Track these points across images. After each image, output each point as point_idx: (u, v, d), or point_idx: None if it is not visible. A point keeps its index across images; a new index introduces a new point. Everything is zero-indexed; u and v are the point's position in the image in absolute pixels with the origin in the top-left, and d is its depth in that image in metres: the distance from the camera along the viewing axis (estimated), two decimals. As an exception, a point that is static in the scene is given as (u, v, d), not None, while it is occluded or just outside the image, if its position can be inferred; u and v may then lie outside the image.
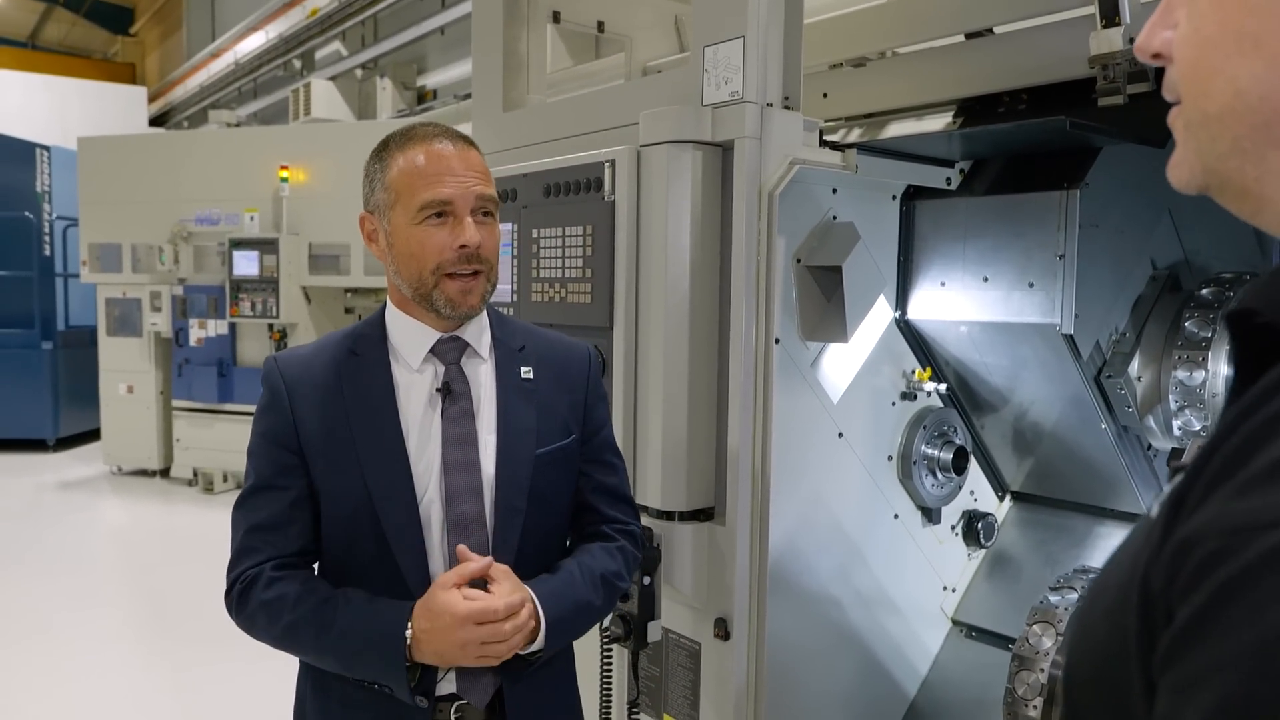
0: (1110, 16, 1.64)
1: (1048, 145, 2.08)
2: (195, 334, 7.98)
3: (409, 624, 1.33)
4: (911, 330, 2.33)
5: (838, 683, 2.26)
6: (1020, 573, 2.51)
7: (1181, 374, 1.95)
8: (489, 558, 1.37)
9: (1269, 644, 0.43)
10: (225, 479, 8.05)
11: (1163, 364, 2.03)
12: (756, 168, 1.80)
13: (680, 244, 1.85)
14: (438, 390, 1.45)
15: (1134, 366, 2.07)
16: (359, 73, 12.56)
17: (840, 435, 2.16)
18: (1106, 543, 2.40)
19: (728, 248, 1.86)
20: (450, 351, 1.48)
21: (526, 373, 1.51)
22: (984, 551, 2.55)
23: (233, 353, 7.97)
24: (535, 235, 2.16)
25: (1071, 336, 2.01)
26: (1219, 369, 1.94)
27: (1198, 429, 1.96)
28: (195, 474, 8.10)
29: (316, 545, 1.45)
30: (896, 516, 2.33)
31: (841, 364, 2.15)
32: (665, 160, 1.83)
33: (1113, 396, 2.10)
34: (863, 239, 1.97)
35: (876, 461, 2.27)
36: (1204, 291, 2.01)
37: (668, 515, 1.93)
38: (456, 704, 1.43)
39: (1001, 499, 2.62)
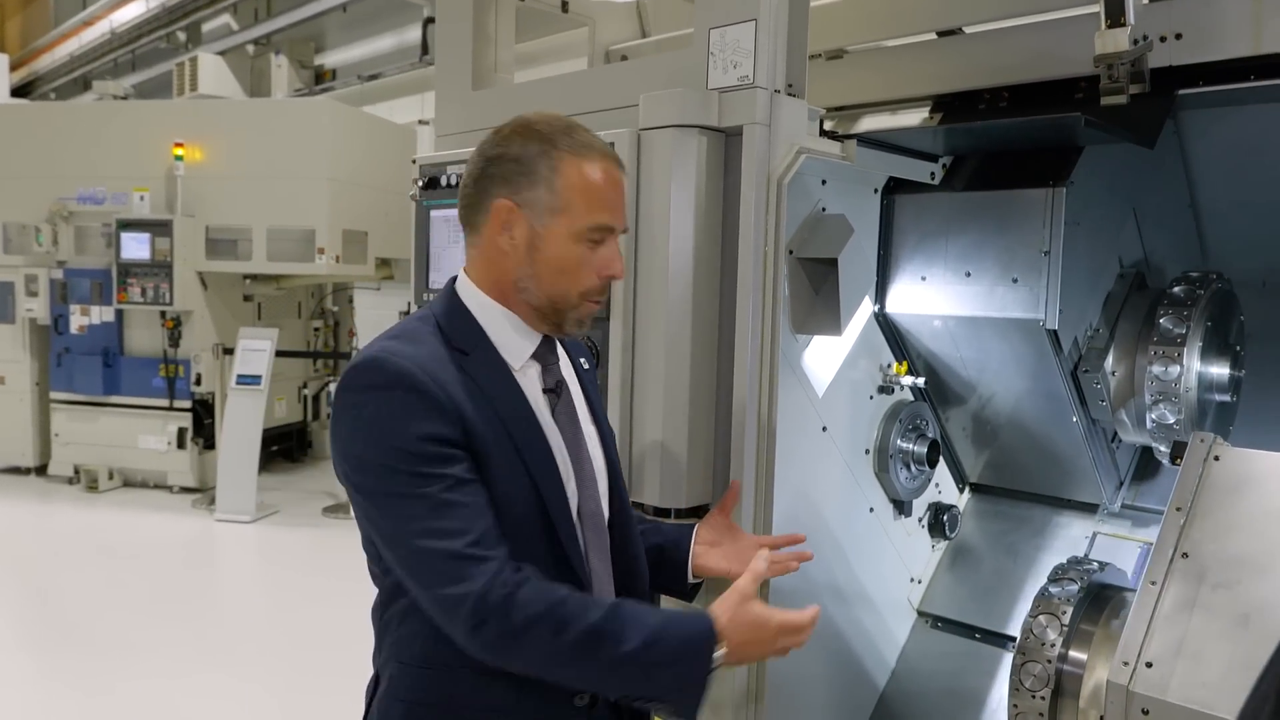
0: (1115, 17, 1.67)
1: (1031, 143, 2.11)
2: (77, 321, 7.44)
3: (717, 635, 1.29)
4: (888, 324, 2.33)
5: (815, 678, 2.25)
6: (981, 563, 2.56)
7: (1157, 369, 2.01)
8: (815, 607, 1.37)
9: None
10: (111, 477, 7.55)
11: (1137, 359, 2.09)
12: (765, 156, 1.75)
13: (683, 233, 1.79)
14: (545, 391, 1.42)
15: (1109, 361, 2.12)
16: (251, 48, 11.97)
17: (824, 429, 2.15)
18: (1066, 532, 2.47)
19: (732, 238, 1.80)
20: (548, 352, 1.45)
21: (585, 363, 1.54)
22: (946, 543, 2.59)
23: (119, 342, 7.46)
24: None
25: (1055, 331, 2.04)
26: (1193, 364, 2.00)
27: (1172, 422, 2.02)
28: (77, 471, 7.56)
29: None
30: (872, 510, 2.34)
31: (825, 358, 2.13)
32: (669, 145, 1.76)
33: (1087, 390, 2.15)
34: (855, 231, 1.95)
35: (855, 455, 2.27)
36: (1176, 289, 2.08)
37: (664, 513, 1.87)
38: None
39: (962, 490, 2.66)
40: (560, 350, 1.51)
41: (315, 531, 6.79)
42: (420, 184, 2.28)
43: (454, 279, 1.46)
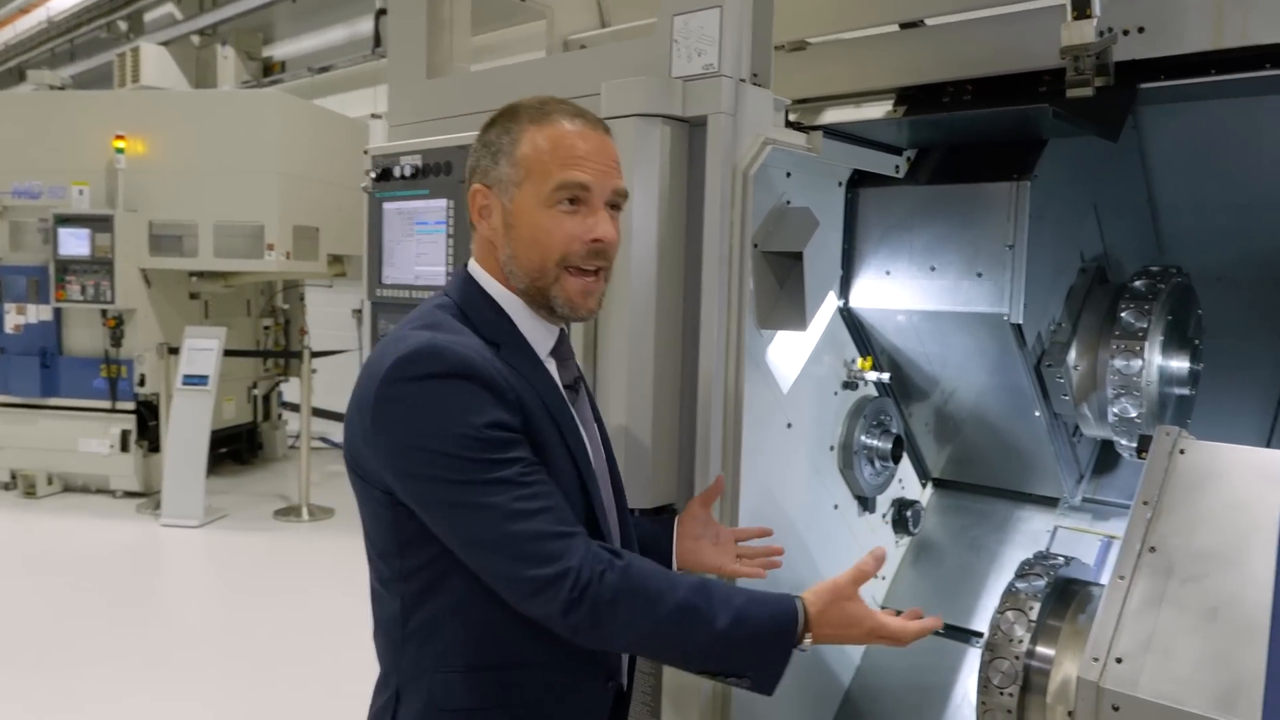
0: (1082, 9, 1.65)
1: (996, 136, 2.10)
2: (12, 320, 7.17)
3: (804, 621, 1.29)
4: (852, 319, 2.32)
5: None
6: (944, 558, 2.56)
7: (1119, 363, 2.02)
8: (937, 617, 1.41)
9: None
10: (50, 482, 7.30)
11: (1099, 353, 2.09)
12: (730, 146, 1.72)
13: (647, 226, 1.74)
14: (566, 387, 1.40)
15: (1071, 355, 2.12)
16: (196, 39, 11.66)
17: (789, 426, 2.12)
18: (1027, 526, 2.48)
19: (697, 230, 1.76)
20: (565, 347, 1.44)
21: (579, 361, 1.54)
22: (910, 539, 2.58)
23: (58, 341, 7.21)
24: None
25: (1019, 326, 2.03)
26: (1154, 358, 2.01)
27: (1133, 415, 2.03)
28: (14, 477, 7.29)
29: None
30: (836, 507, 2.32)
31: (790, 353, 2.11)
32: (632, 135, 1.71)
33: (1050, 385, 2.15)
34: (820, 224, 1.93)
35: (820, 452, 2.25)
36: (1137, 283, 2.09)
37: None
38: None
39: (924, 486, 2.66)
40: None
41: (266, 536, 6.63)
42: (372, 175, 2.21)
43: (464, 267, 1.42)
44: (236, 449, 8.52)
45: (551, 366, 1.39)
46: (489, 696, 1.31)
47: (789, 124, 1.91)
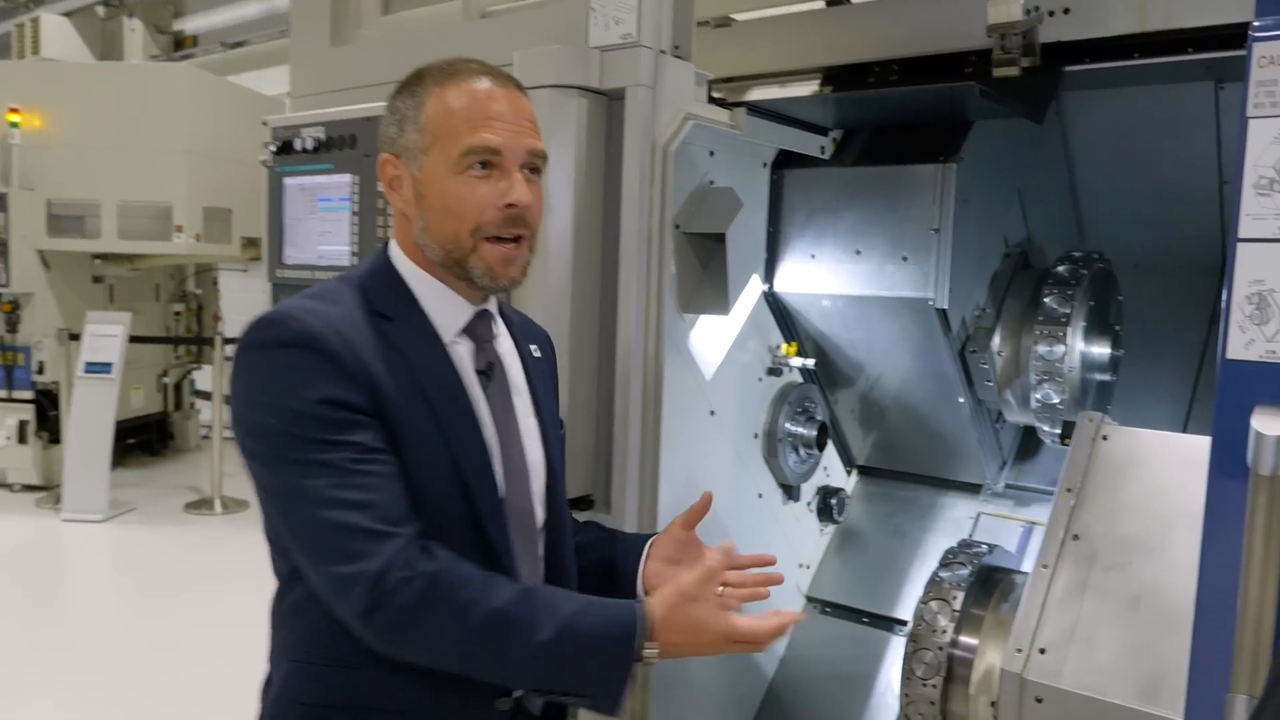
0: (1009, -15, 1.62)
1: (922, 116, 2.06)
2: (-103, 304, 6.72)
3: (645, 630, 1.14)
4: (777, 303, 2.26)
5: (703, 668, 2.17)
6: (868, 546, 2.54)
7: (1042, 348, 2.00)
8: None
9: None
10: (-60, 474, 6.88)
11: (1023, 339, 2.08)
12: (650, 121, 1.64)
13: (562, 203, 1.65)
14: (478, 372, 1.28)
15: (995, 341, 2.11)
16: (102, 10, 11.09)
17: (712, 413, 2.06)
18: (951, 513, 2.47)
19: (615, 209, 1.68)
20: (484, 328, 1.31)
21: (535, 351, 1.40)
22: (834, 527, 2.55)
23: (-54, 327, 6.79)
24: (382, 189, 1.88)
25: (944, 311, 2.00)
26: (1076, 344, 2.00)
27: (1056, 402, 2.02)
28: (-101, 469, 6.86)
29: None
30: (760, 495, 2.27)
31: (713, 338, 2.04)
32: (547, 107, 1.62)
33: (974, 371, 2.14)
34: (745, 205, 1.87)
35: (744, 440, 2.20)
36: (1060, 269, 2.08)
37: (543, 505, 1.74)
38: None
39: (849, 473, 2.63)
40: (503, 331, 1.37)
41: (176, 530, 6.35)
42: (272, 148, 2.07)
43: (385, 244, 1.33)
44: (146, 439, 8.16)
45: (464, 348, 1.29)
46: (336, 695, 1.21)
47: (712, 100, 1.83)
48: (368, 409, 1.14)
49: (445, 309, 1.27)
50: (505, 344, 1.36)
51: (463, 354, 1.28)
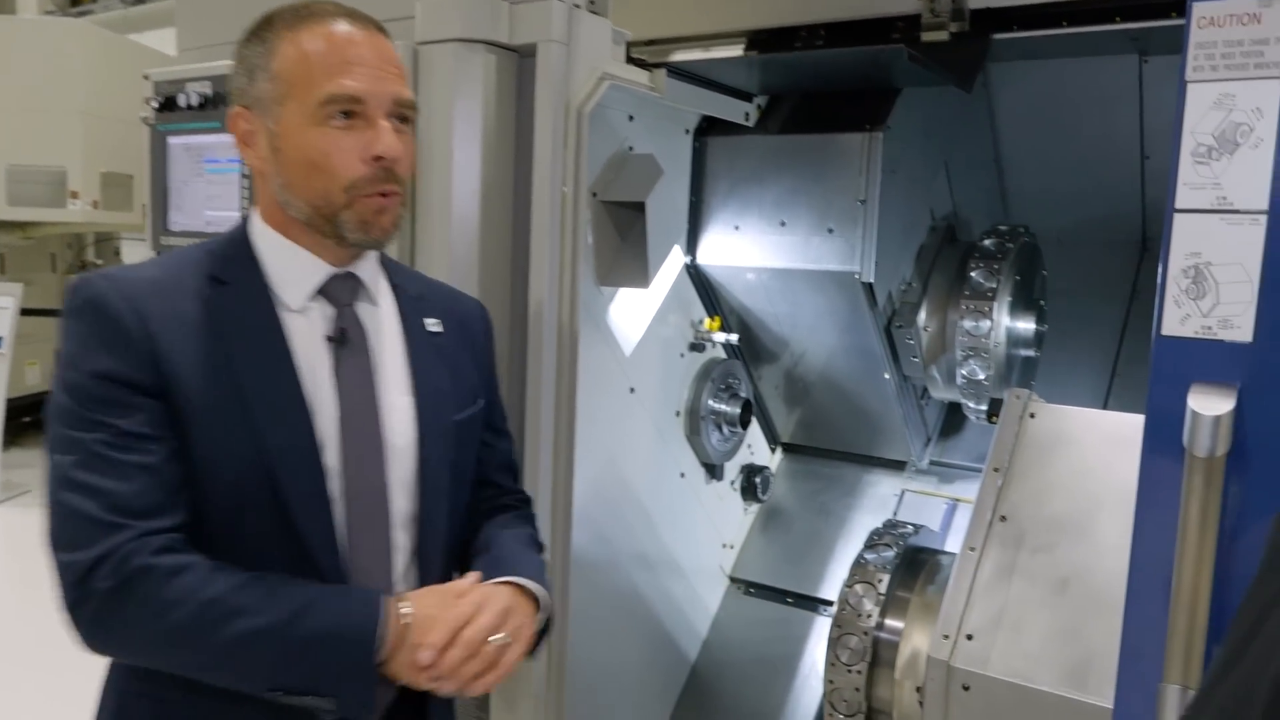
0: (939, -55, 1.55)
1: (849, 82, 1.99)
2: None
3: (382, 626, 1.03)
4: (700, 276, 2.18)
5: (623, 654, 2.10)
6: (793, 524, 2.49)
7: (968, 324, 1.97)
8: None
9: None
10: None
11: (949, 314, 2.03)
12: (564, 80, 1.53)
13: (469, 167, 1.54)
14: (328, 339, 1.14)
15: (921, 316, 2.06)
16: (-10, -39, 10.38)
17: (632, 390, 1.98)
18: (875, 490, 2.44)
19: (526, 174, 1.57)
20: (343, 291, 1.17)
21: (434, 325, 1.25)
22: (759, 505, 2.50)
23: None
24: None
25: (870, 285, 1.95)
26: (1002, 319, 1.97)
27: (982, 378, 1.99)
28: None
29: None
30: (683, 475, 2.21)
31: (633, 313, 1.96)
32: (452, 62, 1.50)
33: (900, 346, 2.09)
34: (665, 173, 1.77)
35: (665, 418, 2.12)
36: (986, 242, 2.04)
37: (450, 491, 1.63)
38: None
39: (773, 451, 2.58)
40: (385, 298, 1.22)
41: (75, 512, 6.04)
42: (154, 104, 1.90)
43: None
44: (41, 418, 7.74)
45: (316, 313, 1.15)
46: (150, 711, 1.14)
47: (631, 61, 1.73)
48: (146, 386, 1.04)
49: (293, 271, 1.15)
50: (383, 313, 1.22)
51: (312, 321, 1.15)
